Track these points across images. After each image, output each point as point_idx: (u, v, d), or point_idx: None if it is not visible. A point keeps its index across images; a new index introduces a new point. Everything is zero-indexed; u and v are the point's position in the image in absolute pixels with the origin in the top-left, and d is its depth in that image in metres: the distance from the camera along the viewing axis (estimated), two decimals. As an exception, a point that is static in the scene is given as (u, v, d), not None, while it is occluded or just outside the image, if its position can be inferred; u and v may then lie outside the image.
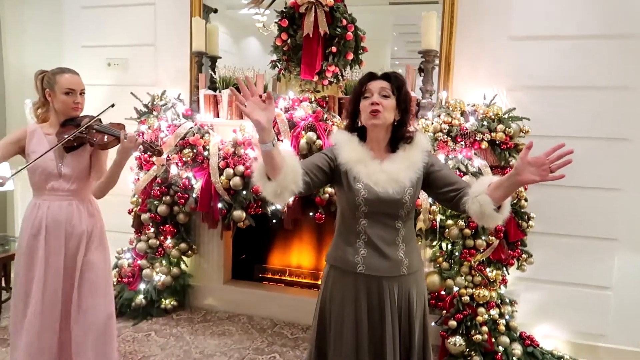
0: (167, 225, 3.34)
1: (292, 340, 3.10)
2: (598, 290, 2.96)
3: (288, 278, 3.72)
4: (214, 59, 3.58)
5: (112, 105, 2.11)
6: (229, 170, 3.04)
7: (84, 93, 2.19)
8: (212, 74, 3.53)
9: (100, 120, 2.19)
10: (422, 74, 3.11)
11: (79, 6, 3.82)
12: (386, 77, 1.65)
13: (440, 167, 1.67)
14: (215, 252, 3.54)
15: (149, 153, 3.02)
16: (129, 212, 3.47)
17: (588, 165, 2.87)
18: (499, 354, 2.75)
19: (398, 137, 1.66)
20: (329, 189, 2.89)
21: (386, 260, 1.60)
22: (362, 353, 1.58)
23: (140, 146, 2.18)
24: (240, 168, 3.02)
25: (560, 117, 2.88)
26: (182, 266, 3.47)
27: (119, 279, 3.40)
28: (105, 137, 2.14)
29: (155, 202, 3.27)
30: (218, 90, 3.45)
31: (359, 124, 1.68)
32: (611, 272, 2.93)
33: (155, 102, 3.38)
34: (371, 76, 1.66)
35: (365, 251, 1.60)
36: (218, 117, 3.39)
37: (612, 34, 2.78)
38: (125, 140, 2.06)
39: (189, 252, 3.44)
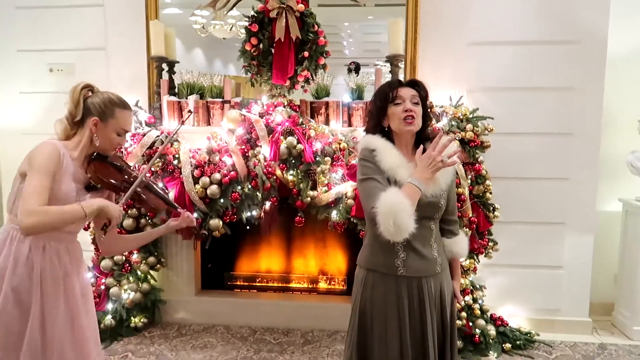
0: (133, 240, 3.17)
1: (277, 345, 3.09)
2: (552, 270, 3.29)
3: (259, 284, 3.69)
4: (171, 64, 3.45)
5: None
6: (205, 179, 2.95)
7: None
8: (173, 79, 3.41)
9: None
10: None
11: (12, 6, 3.48)
12: (414, 84, 1.74)
13: (452, 186, 1.80)
14: (185, 264, 3.42)
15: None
16: (85, 229, 3.23)
17: (540, 159, 3.20)
18: (477, 336, 2.98)
19: (422, 139, 1.76)
20: (310, 192, 2.92)
21: (424, 261, 1.68)
22: (405, 347, 1.65)
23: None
24: (217, 176, 2.95)
25: (515, 116, 3.17)
26: (151, 281, 3.31)
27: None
28: (161, 203, 1.93)
29: (123, 216, 3.09)
30: (177, 95, 3.35)
31: (385, 128, 1.74)
32: (562, 253, 3.28)
33: (114, 110, 3.18)
34: (399, 83, 1.74)
35: (404, 254, 1.67)
36: (183, 124, 3.26)
37: (558, 40, 3.11)
38: (184, 220, 1.95)
39: (158, 265, 3.29)
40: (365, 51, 4.19)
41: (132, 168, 1.92)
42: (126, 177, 1.83)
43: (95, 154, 1.79)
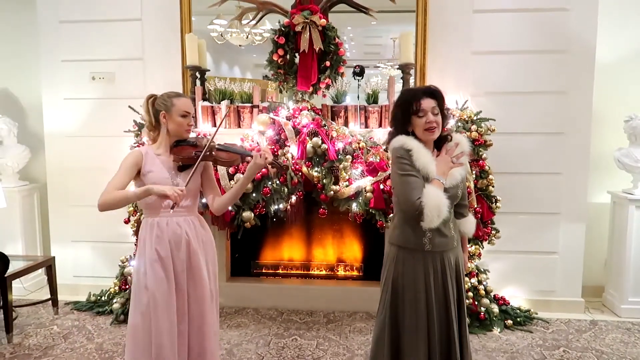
0: (171, 231, 3.52)
1: (303, 324, 3.46)
2: (548, 255, 3.67)
3: (282, 271, 4.05)
4: (202, 72, 3.80)
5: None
6: (239, 175, 3.31)
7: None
8: (206, 86, 3.75)
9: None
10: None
11: (56, 21, 3.83)
12: (432, 95, 2.04)
13: (464, 178, 2.15)
14: (217, 253, 3.76)
15: (274, 169, 3.16)
16: (126, 222, 3.58)
17: (536, 155, 3.58)
18: (482, 313, 3.35)
19: (440, 139, 2.11)
20: (333, 187, 3.27)
21: (445, 238, 2.03)
22: (431, 308, 2.01)
23: (269, 164, 2.24)
24: (250, 172, 3.30)
25: (514, 117, 3.54)
26: (187, 268, 3.66)
27: (127, 286, 3.52)
28: (233, 155, 2.27)
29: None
30: (208, 101, 3.69)
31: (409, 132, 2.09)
32: (557, 239, 3.65)
33: (154, 115, 3.54)
34: (421, 94, 2.03)
35: (430, 233, 2.01)
36: (215, 126, 3.62)
37: (551, 49, 3.50)
38: (258, 158, 2.19)
39: (193, 254, 3.64)
40: (365, 53, 4.45)
41: (206, 139, 2.28)
42: (200, 149, 2.21)
43: (174, 143, 2.22)
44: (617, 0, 3.74)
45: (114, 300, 3.58)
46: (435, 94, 2.05)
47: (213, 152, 2.23)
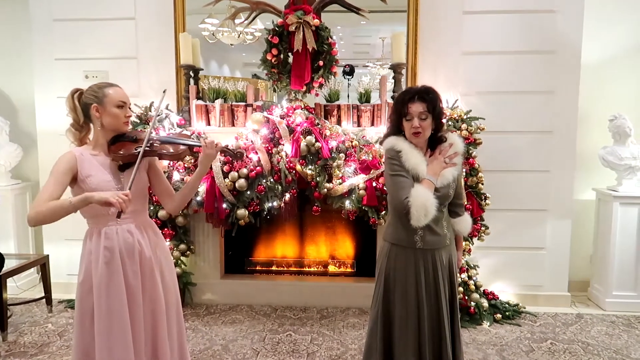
0: (165, 229, 3.55)
1: (297, 320, 3.51)
2: (536, 251, 3.76)
3: (275, 268, 4.09)
4: (196, 71, 3.82)
5: (164, 91, 2.19)
6: (234, 174, 3.35)
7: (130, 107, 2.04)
8: (200, 84, 3.78)
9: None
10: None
11: (50, 19, 3.83)
12: (422, 99, 2.05)
13: (459, 177, 2.20)
14: (211, 251, 3.82)
15: (228, 157, 3.19)
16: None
17: (525, 154, 3.66)
18: (472, 307, 3.43)
19: (435, 140, 2.15)
20: (327, 184, 3.32)
21: (437, 236, 2.09)
22: (422, 307, 2.07)
23: (220, 152, 2.09)
24: (244, 171, 3.35)
25: (504, 116, 3.62)
26: (182, 266, 3.69)
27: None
28: (180, 147, 2.06)
29: (156, 208, 3.47)
30: (201, 99, 3.72)
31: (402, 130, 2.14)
32: (544, 236, 3.75)
33: (148, 114, 3.56)
34: (411, 97, 2.05)
35: (422, 232, 2.06)
36: (209, 125, 3.66)
37: (539, 50, 3.58)
38: (207, 147, 2.02)
39: (188, 252, 3.68)
40: (355, 52, 4.49)
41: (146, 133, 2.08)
42: (141, 144, 1.98)
43: (112, 139, 1.98)
44: (602, 3, 3.84)
45: (109, 298, 3.60)
46: (426, 98, 2.05)
47: (155, 145, 2.02)
